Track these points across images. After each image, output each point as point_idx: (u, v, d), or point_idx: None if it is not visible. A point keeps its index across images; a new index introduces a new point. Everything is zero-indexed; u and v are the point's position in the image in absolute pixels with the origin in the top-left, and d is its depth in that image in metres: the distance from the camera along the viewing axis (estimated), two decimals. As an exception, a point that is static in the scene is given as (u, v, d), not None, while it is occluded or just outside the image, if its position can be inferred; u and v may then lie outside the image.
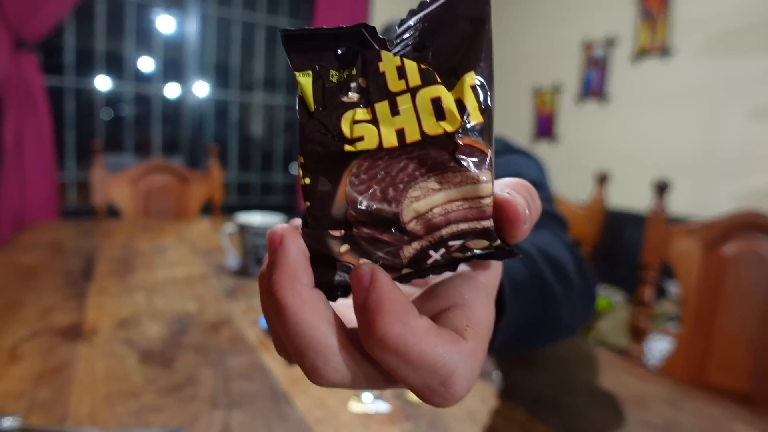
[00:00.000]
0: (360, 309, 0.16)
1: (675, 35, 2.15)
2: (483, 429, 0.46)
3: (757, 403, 0.85)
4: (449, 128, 0.15)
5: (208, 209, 1.93)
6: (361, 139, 0.15)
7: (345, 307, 0.20)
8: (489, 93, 0.16)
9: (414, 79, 0.15)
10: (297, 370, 0.56)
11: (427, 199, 0.16)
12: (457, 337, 0.16)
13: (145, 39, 2.64)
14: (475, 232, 0.16)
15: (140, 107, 2.72)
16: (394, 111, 0.15)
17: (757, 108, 1.88)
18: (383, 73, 0.16)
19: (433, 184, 0.16)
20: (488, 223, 0.16)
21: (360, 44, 0.16)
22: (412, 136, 0.15)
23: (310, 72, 0.16)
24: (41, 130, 2.18)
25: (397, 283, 0.16)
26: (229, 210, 2.77)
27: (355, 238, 0.16)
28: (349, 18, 2.94)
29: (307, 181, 0.16)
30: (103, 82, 2.54)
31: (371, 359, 0.17)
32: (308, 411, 0.48)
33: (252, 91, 3.09)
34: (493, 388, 0.54)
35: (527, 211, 0.17)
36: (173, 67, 2.73)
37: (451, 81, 0.16)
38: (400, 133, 0.15)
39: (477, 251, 0.17)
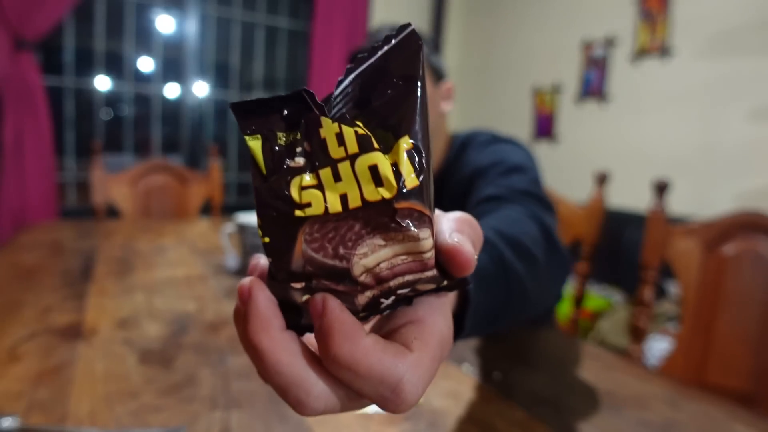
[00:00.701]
0: (317, 334, 0.18)
1: (675, 35, 2.15)
2: (483, 429, 0.46)
3: (757, 403, 0.85)
4: (387, 195, 0.16)
5: (207, 209, 1.93)
6: (309, 205, 0.17)
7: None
8: (424, 154, 0.17)
9: (352, 146, 0.17)
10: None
11: (374, 255, 0.17)
12: (403, 349, 0.18)
13: (145, 39, 2.64)
14: (421, 281, 0.18)
15: (140, 107, 2.72)
16: (337, 177, 0.17)
17: (757, 108, 1.88)
18: (324, 140, 0.17)
19: (378, 240, 0.17)
20: (431, 273, 0.18)
21: (303, 108, 0.17)
22: (354, 201, 0.17)
23: (259, 136, 0.17)
24: (41, 130, 2.17)
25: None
26: (228, 210, 2.77)
27: (314, 289, 0.18)
28: (350, 18, 2.93)
29: (267, 240, 0.18)
30: (102, 82, 2.54)
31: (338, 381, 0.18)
32: (308, 411, 0.48)
33: (252, 91, 3.09)
34: (494, 388, 0.54)
35: (474, 255, 0.19)
36: (173, 67, 2.73)
37: (389, 139, 0.17)
38: (344, 198, 0.17)
39: (429, 289, 0.19)
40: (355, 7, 2.93)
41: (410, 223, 0.17)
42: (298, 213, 0.17)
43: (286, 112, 0.17)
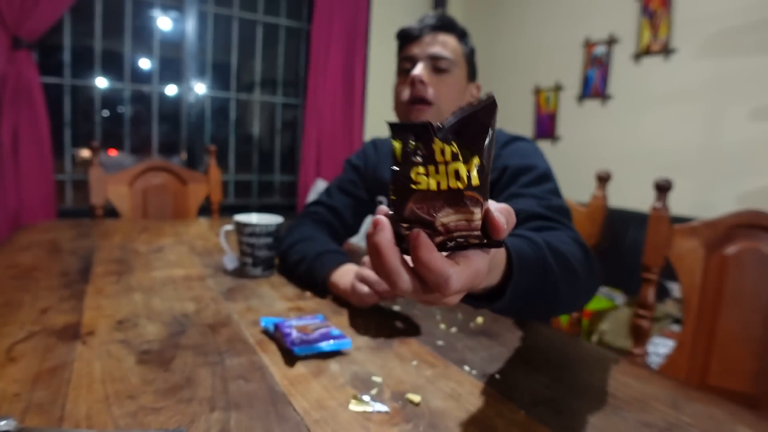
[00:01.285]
0: (411, 248, 0.31)
1: (677, 34, 2.15)
2: (483, 430, 0.46)
3: (761, 405, 0.85)
4: (461, 186, 0.30)
5: (206, 209, 1.92)
6: (419, 183, 0.30)
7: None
8: (485, 166, 0.30)
9: (447, 156, 0.30)
10: (296, 371, 0.56)
11: (447, 217, 0.31)
12: (453, 263, 0.31)
13: (143, 38, 2.64)
14: (471, 236, 0.32)
15: (138, 106, 2.72)
16: (436, 172, 0.30)
17: (759, 107, 1.87)
18: (433, 150, 0.30)
19: (451, 210, 0.31)
20: (477, 233, 0.31)
21: (425, 131, 0.30)
22: (443, 186, 0.30)
23: (400, 141, 0.30)
24: (38, 129, 2.17)
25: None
26: (227, 210, 2.77)
27: (411, 228, 0.31)
28: (349, 16, 2.92)
29: (393, 197, 0.31)
30: (100, 81, 2.53)
31: (418, 276, 0.32)
32: (307, 412, 0.47)
33: (251, 91, 3.09)
34: (494, 389, 0.54)
35: (506, 226, 0.32)
36: (171, 66, 2.73)
37: (468, 155, 0.30)
38: (438, 184, 0.30)
39: (475, 243, 0.32)
40: (355, 6, 2.93)
41: (469, 203, 0.30)
42: (412, 186, 0.30)
43: (416, 131, 0.30)
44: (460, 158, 0.30)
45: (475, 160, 0.30)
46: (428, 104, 0.89)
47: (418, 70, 0.88)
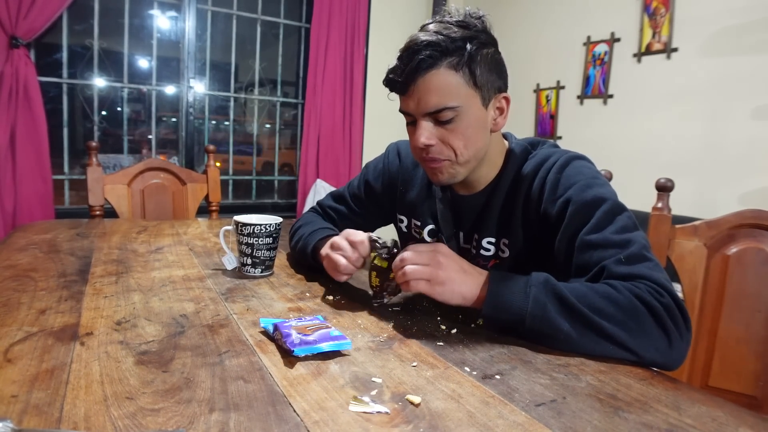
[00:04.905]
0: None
1: (678, 33, 2.14)
2: (483, 431, 0.46)
3: (763, 406, 0.85)
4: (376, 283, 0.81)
5: (205, 209, 1.92)
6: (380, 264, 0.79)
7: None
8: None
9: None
10: (296, 372, 0.56)
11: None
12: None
13: (142, 37, 2.63)
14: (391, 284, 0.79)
15: (136, 106, 2.71)
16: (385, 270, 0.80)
17: (761, 106, 1.87)
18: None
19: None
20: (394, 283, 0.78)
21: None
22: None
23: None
24: (36, 128, 2.16)
25: None
26: (226, 210, 2.76)
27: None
28: (348, 15, 2.92)
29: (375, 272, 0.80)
30: (99, 80, 2.53)
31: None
32: (307, 413, 0.47)
33: (250, 90, 3.08)
34: (494, 390, 0.54)
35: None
36: (170, 65, 2.72)
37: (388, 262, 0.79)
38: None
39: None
40: (354, 5, 2.92)
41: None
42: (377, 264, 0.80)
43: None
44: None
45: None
46: (441, 162, 0.80)
47: (421, 134, 0.77)
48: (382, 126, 3.18)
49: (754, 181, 1.88)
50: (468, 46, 0.75)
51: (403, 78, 0.76)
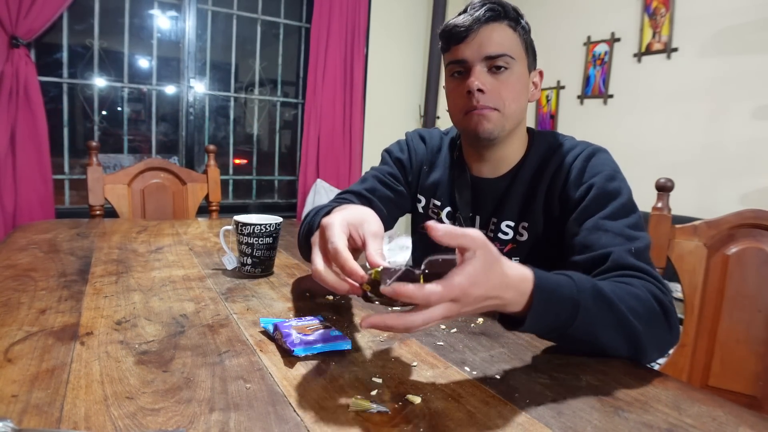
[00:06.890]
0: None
1: (678, 33, 2.14)
2: (483, 431, 0.46)
3: (763, 406, 0.85)
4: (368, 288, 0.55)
5: (205, 209, 1.92)
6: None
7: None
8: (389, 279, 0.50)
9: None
10: (296, 372, 0.56)
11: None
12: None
13: (142, 36, 2.63)
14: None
15: (137, 105, 2.71)
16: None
17: (761, 106, 1.87)
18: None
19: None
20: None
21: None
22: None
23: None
24: (36, 128, 2.16)
25: None
26: (226, 210, 2.76)
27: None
28: (349, 15, 2.92)
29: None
30: (99, 80, 2.53)
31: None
32: (307, 413, 0.47)
33: (250, 90, 3.08)
34: (494, 390, 0.54)
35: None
36: (170, 65, 2.72)
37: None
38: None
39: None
40: (354, 4, 2.92)
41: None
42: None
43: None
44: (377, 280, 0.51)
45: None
46: (491, 110, 0.82)
47: (476, 78, 0.80)
48: (382, 126, 3.18)
49: (754, 181, 1.88)
50: (521, 20, 0.85)
51: (469, 23, 0.81)
